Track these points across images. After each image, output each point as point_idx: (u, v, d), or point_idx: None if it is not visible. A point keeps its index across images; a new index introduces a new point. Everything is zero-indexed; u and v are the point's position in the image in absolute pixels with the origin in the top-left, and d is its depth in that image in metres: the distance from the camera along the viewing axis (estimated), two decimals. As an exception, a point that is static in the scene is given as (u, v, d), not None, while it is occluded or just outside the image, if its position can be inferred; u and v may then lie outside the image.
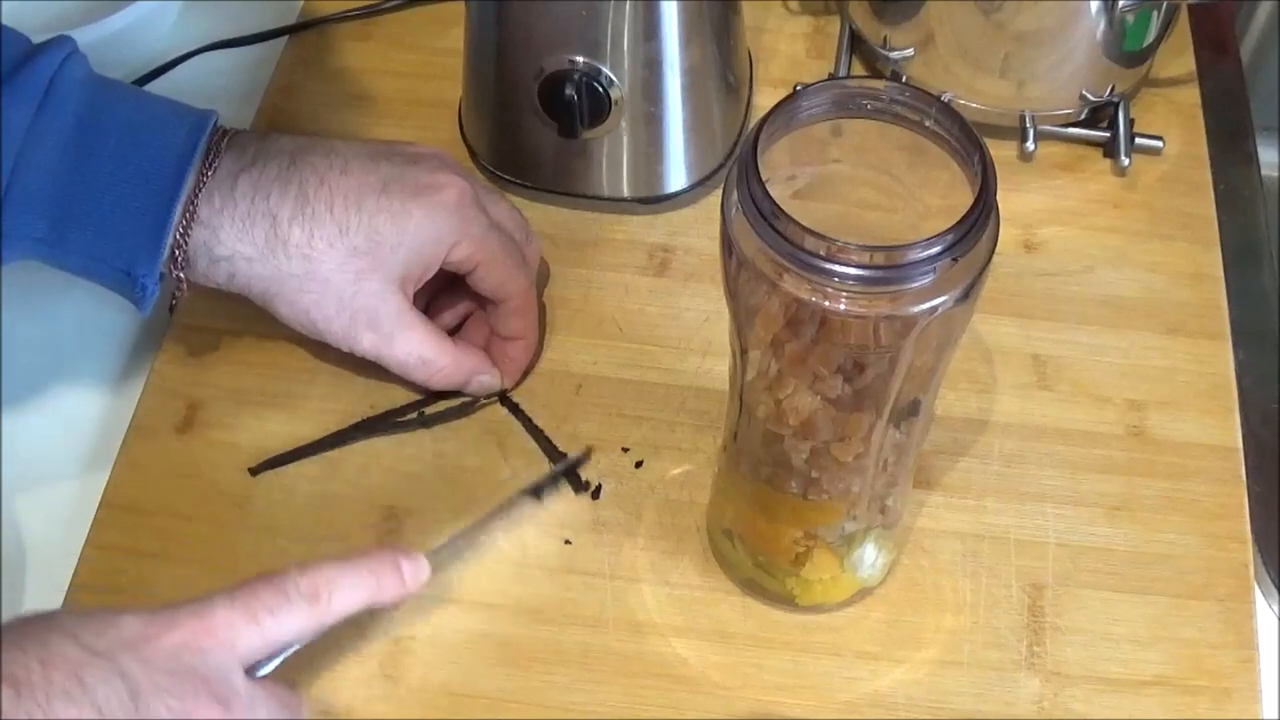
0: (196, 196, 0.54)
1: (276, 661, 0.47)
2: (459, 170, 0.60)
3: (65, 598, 0.56)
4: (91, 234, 0.54)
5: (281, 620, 0.46)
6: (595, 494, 0.59)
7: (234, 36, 0.78)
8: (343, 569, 0.48)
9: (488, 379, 0.61)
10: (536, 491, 0.59)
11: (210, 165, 0.55)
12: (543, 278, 0.66)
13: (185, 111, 0.56)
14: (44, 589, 0.57)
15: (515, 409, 0.62)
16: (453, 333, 0.63)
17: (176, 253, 0.55)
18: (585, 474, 0.60)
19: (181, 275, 0.56)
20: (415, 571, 0.50)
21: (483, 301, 0.62)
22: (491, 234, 0.59)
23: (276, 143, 0.57)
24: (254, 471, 0.60)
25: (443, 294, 0.63)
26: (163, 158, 0.54)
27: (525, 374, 0.63)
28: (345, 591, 0.48)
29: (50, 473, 0.61)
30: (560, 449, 0.60)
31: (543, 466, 0.60)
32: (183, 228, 0.54)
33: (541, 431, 0.61)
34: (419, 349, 0.59)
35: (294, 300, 0.57)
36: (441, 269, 0.59)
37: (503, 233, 0.60)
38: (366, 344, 0.58)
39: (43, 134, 0.53)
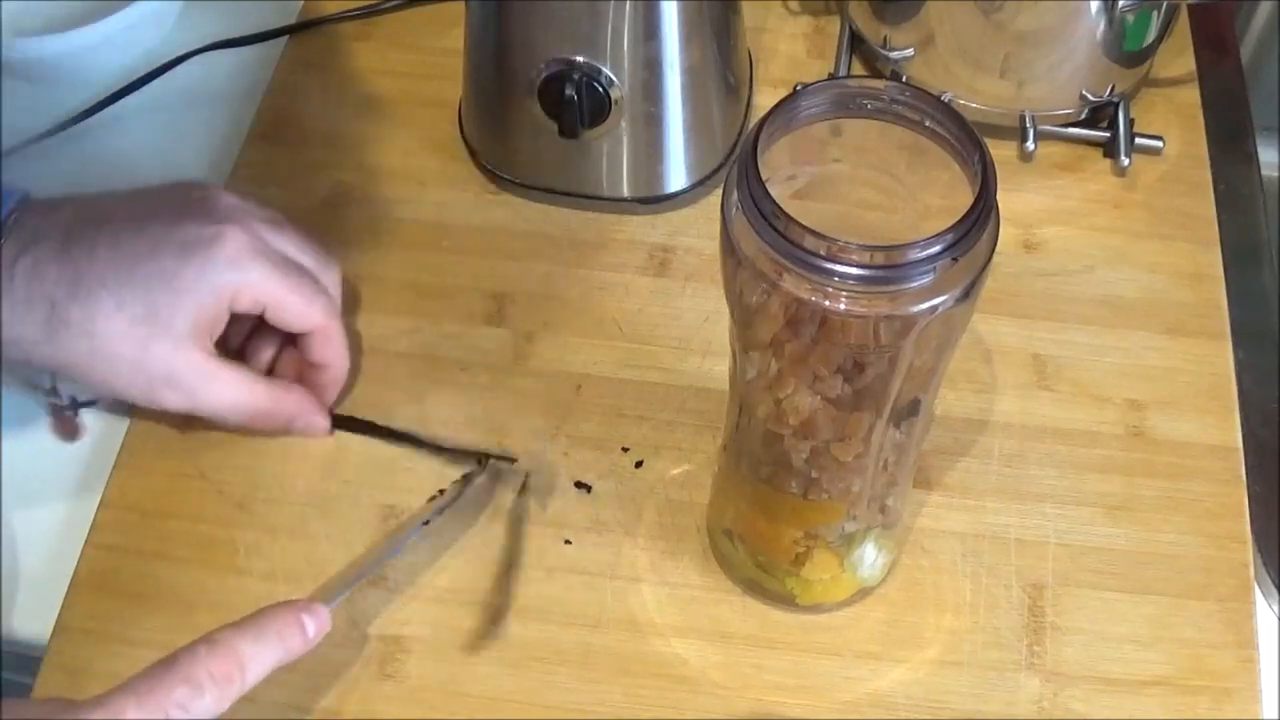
0: None
1: None
2: (234, 214, 0.58)
3: (65, 598, 0.56)
4: None
5: (195, 711, 0.45)
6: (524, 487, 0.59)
7: (234, 36, 0.78)
8: (251, 639, 0.47)
9: (310, 420, 0.60)
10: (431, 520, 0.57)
11: None
12: (349, 302, 0.64)
13: None
14: (44, 589, 0.57)
15: (406, 437, 0.61)
16: (274, 365, 0.62)
17: None
18: (584, 475, 0.60)
19: None
20: (318, 624, 0.50)
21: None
22: (275, 274, 0.57)
23: (56, 215, 0.56)
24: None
25: (259, 327, 0.62)
26: None
27: (339, 399, 0.62)
28: (257, 662, 0.47)
29: (50, 473, 0.61)
30: (469, 451, 0.60)
31: (539, 470, 0.60)
32: None
33: (438, 445, 0.60)
34: (229, 397, 0.58)
35: (88, 376, 0.56)
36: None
37: (290, 267, 0.58)
38: (173, 402, 0.57)
39: None
